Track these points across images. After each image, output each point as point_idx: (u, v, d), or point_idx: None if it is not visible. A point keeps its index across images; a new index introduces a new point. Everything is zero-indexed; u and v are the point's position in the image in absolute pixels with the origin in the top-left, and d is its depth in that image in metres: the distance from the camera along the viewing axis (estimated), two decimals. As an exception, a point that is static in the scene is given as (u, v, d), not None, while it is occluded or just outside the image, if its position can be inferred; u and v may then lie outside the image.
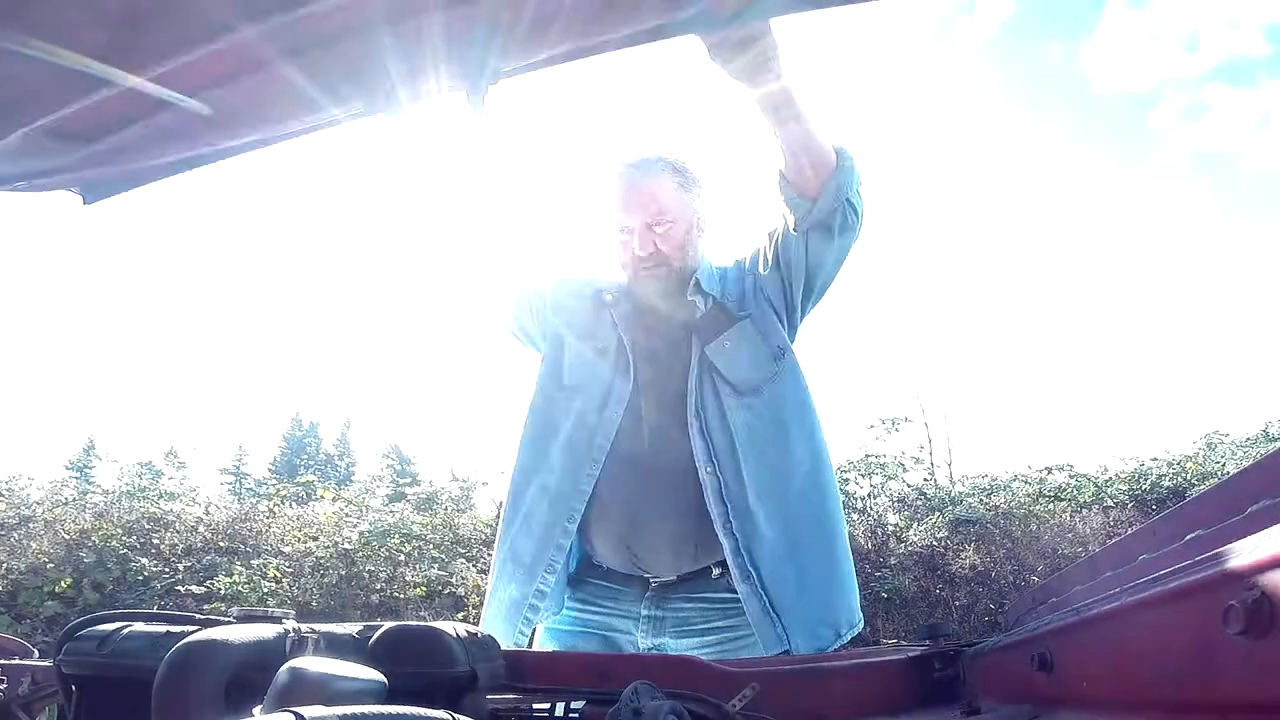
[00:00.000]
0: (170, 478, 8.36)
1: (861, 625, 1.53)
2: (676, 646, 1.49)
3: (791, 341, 1.65)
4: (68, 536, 6.49)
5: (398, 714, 0.42)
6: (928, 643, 0.76)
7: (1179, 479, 7.44)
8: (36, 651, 1.03)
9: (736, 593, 1.49)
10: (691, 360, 1.55)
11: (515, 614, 1.51)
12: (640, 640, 1.51)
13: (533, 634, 1.55)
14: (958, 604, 6.48)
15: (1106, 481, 7.79)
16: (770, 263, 1.61)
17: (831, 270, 1.60)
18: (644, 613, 1.52)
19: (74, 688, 0.68)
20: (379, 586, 6.33)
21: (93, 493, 7.66)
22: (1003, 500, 7.41)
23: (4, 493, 7.34)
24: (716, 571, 1.51)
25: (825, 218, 1.47)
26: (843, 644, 1.48)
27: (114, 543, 6.41)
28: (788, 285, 1.60)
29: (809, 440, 1.56)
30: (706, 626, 1.51)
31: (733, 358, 1.55)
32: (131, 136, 1.00)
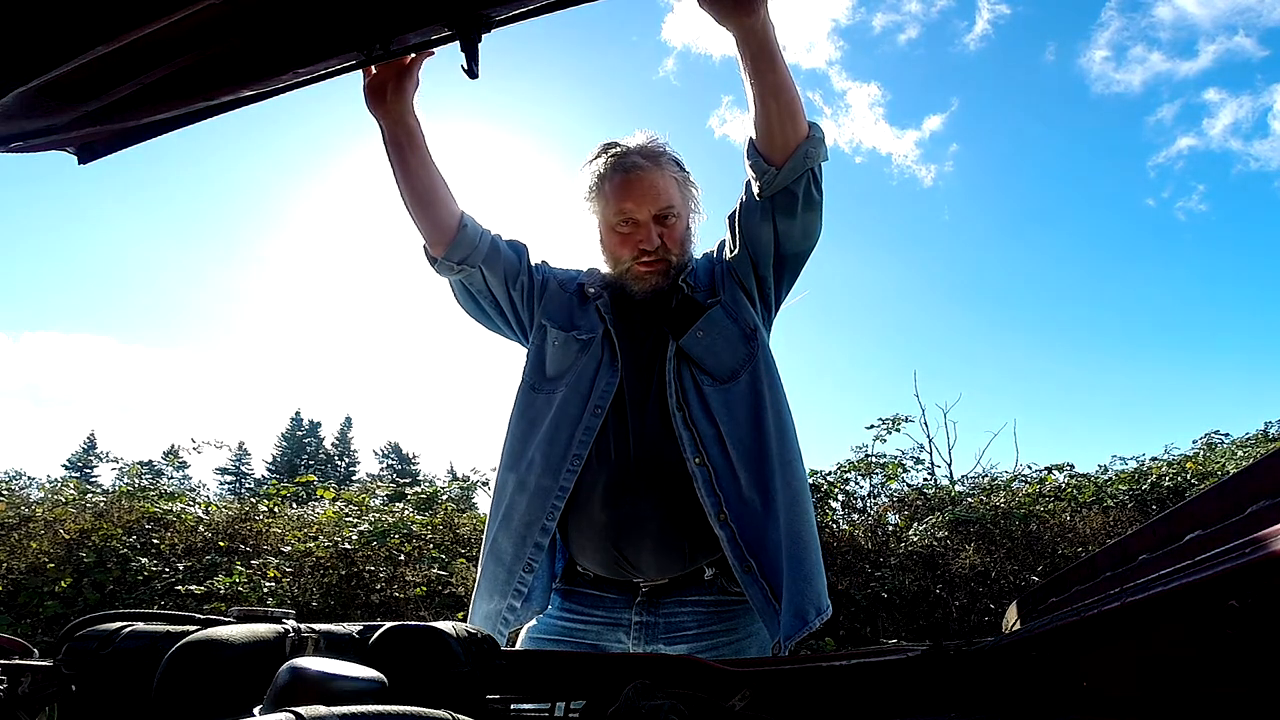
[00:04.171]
0: (170, 478, 8.35)
1: (830, 612, 1.50)
2: (670, 653, 1.43)
3: (769, 325, 1.62)
4: (68, 536, 6.49)
5: (398, 714, 0.42)
6: (927, 643, 0.76)
7: (1179, 479, 7.44)
8: (36, 651, 1.02)
9: (730, 594, 1.47)
10: (668, 353, 1.53)
11: (489, 627, 1.47)
12: (632, 648, 1.47)
13: (513, 637, 1.51)
14: (957, 604, 6.47)
15: (1106, 481, 7.79)
16: (736, 244, 1.58)
17: (800, 244, 1.55)
18: (635, 619, 1.47)
19: (74, 687, 0.68)
20: (379, 586, 6.32)
21: (93, 492, 7.65)
22: (1003, 500, 7.40)
23: (4, 493, 7.35)
24: (710, 573, 1.47)
25: (791, 184, 1.44)
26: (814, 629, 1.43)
27: (114, 543, 6.40)
28: (755, 260, 1.57)
29: (783, 425, 1.53)
30: (700, 631, 1.46)
31: (708, 347, 1.53)
32: (124, 94, 0.99)
